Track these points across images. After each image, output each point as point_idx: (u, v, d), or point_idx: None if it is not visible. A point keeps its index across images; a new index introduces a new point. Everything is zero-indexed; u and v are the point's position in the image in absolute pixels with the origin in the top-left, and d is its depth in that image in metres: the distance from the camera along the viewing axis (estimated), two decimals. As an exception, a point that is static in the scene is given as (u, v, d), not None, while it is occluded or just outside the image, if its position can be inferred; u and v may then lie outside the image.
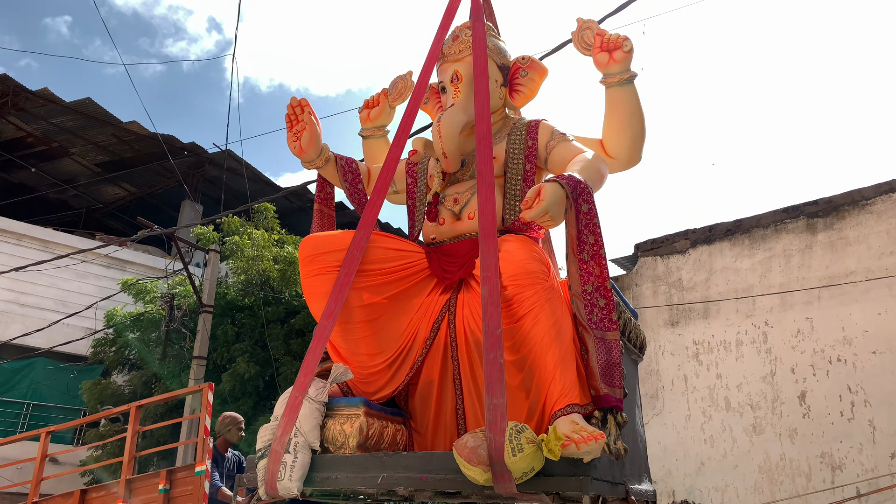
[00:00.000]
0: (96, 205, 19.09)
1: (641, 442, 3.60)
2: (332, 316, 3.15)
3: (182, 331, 11.46)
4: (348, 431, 3.00)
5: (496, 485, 2.45)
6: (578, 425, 2.57)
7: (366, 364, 3.31)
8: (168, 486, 3.85)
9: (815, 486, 8.27)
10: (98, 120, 15.46)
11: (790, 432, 8.64)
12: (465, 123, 3.49)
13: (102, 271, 15.12)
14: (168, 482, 3.85)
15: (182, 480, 3.84)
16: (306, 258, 3.42)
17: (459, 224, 3.51)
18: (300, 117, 3.85)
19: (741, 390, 9.15)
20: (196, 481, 3.63)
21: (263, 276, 11.23)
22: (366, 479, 2.78)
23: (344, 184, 3.99)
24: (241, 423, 5.21)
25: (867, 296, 8.43)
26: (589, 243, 2.87)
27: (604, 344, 2.81)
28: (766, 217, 9.60)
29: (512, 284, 2.86)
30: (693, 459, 9.28)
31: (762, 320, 9.20)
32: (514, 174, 3.51)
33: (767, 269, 9.37)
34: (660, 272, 10.41)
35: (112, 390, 11.11)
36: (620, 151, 3.50)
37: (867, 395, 8.19)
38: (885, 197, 8.73)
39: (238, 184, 15.01)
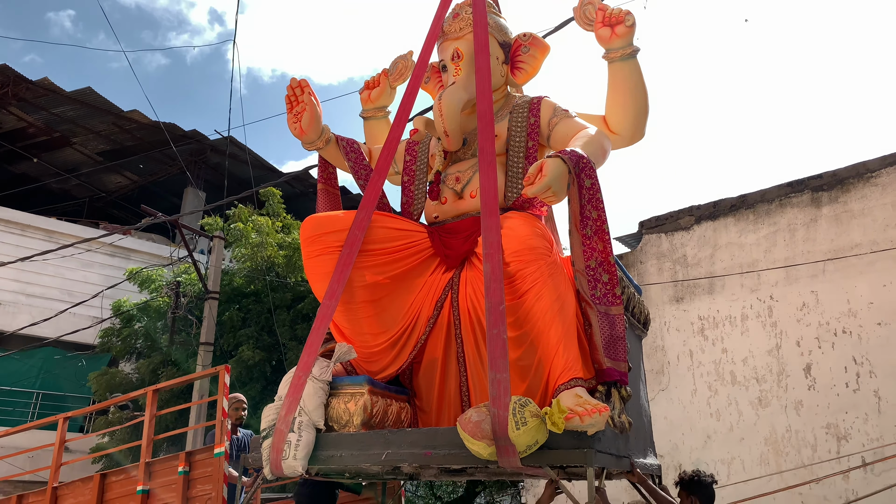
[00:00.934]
0: (99, 194, 19.13)
1: (646, 416, 3.62)
2: (334, 296, 3.16)
3: (188, 318, 11.53)
4: (352, 410, 3.02)
5: (500, 459, 2.47)
6: (582, 398, 2.58)
7: (369, 343, 3.32)
8: (188, 469, 3.89)
9: (821, 456, 8.29)
10: (99, 109, 15.45)
11: (796, 404, 8.66)
12: (466, 101, 3.47)
13: (107, 260, 15.18)
14: (187, 464, 3.89)
15: (201, 462, 3.88)
16: (308, 238, 3.42)
17: (462, 203, 3.51)
18: (300, 98, 3.84)
19: (747, 364, 9.15)
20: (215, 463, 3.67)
21: (268, 262, 11.27)
22: (370, 457, 2.80)
23: (347, 163, 3.97)
24: (241, 403, 5.25)
25: (872, 268, 8.40)
26: (592, 218, 2.86)
27: (607, 319, 2.81)
28: (771, 192, 9.55)
29: (515, 261, 2.86)
30: (699, 433, 9.32)
31: (767, 294, 9.18)
32: (516, 152, 3.49)
33: (772, 244, 9.34)
34: (664, 249, 10.39)
35: (120, 379, 11.20)
36: (623, 127, 3.48)
37: (872, 366, 8.19)
38: (890, 169, 8.66)
39: (241, 170, 15.01)
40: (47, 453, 10.12)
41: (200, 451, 3.98)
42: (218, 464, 3.55)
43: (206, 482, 3.77)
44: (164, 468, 4.05)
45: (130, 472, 4.20)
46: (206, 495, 3.72)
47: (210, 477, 3.72)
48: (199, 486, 3.84)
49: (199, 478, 3.83)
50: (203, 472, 3.82)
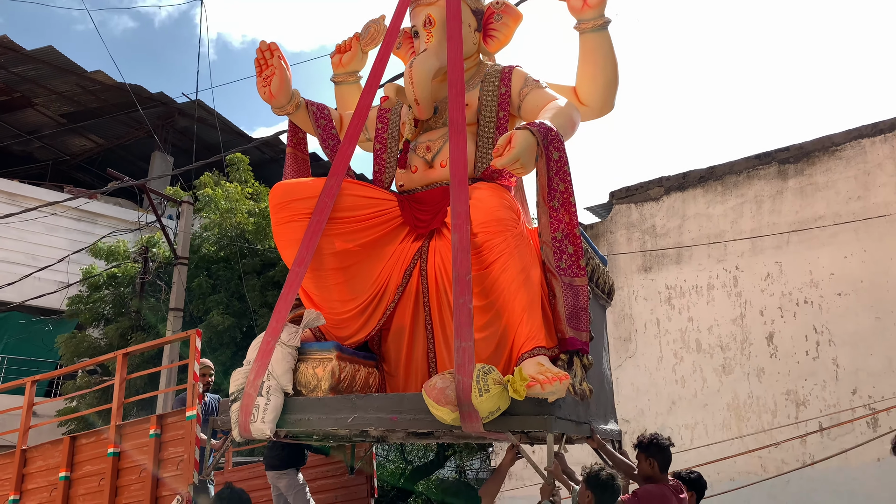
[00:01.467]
0: (63, 157, 18.64)
1: (608, 384, 3.71)
2: (303, 263, 3.17)
3: (158, 283, 11.41)
4: (320, 375, 3.06)
5: (464, 424, 2.53)
6: (544, 367, 2.64)
7: (338, 310, 3.34)
8: (159, 431, 3.89)
9: (780, 421, 8.57)
10: (61, 69, 14.97)
11: (758, 372, 8.91)
12: (437, 69, 3.44)
13: (73, 224, 14.88)
14: (159, 427, 3.90)
15: (173, 425, 3.88)
16: (277, 205, 3.41)
17: (432, 172, 3.50)
18: (269, 62, 3.78)
19: (712, 332, 9.36)
20: (187, 426, 3.68)
21: (238, 228, 11.15)
22: (337, 420, 2.85)
23: (317, 130, 3.94)
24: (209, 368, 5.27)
25: (834, 240, 8.60)
26: (559, 191, 2.89)
27: (571, 289, 2.86)
28: (739, 164, 9.68)
29: (482, 232, 2.89)
30: (665, 399, 9.55)
31: (733, 265, 9.37)
32: (486, 122, 3.49)
33: (739, 215, 9.49)
34: (634, 219, 10.50)
35: (88, 343, 11.09)
36: (593, 98, 3.49)
37: (832, 335, 8.44)
38: (853, 143, 8.82)
39: (209, 135, 14.73)
40: (13, 417, 10.05)
41: (171, 413, 3.99)
42: (189, 426, 3.57)
43: (177, 444, 3.78)
44: (135, 431, 4.05)
45: (101, 435, 4.20)
46: (178, 457, 3.74)
47: (182, 439, 3.74)
48: (170, 448, 3.85)
49: (171, 440, 3.85)
50: (175, 434, 3.84)
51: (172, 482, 3.73)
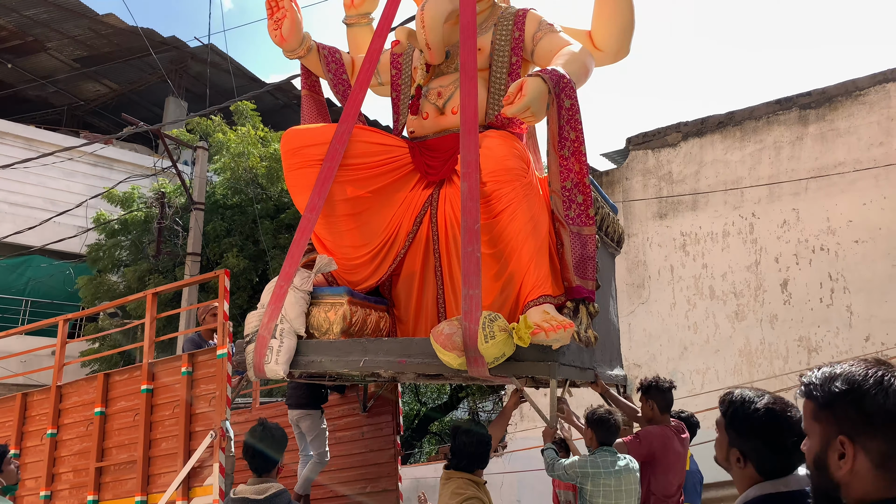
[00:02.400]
0: (78, 102, 18.61)
1: (614, 331, 3.75)
2: (315, 209, 3.19)
3: (174, 228, 11.52)
4: (332, 318, 3.12)
5: (470, 369, 2.59)
6: (549, 315, 2.68)
7: (350, 255, 3.38)
8: (191, 369, 3.99)
9: (791, 367, 8.63)
10: (73, 12, 14.82)
11: (771, 318, 8.93)
12: (450, 12, 3.37)
13: (90, 170, 14.96)
14: (191, 365, 3.99)
15: (204, 363, 3.96)
16: (288, 151, 3.41)
17: (443, 119, 3.47)
18: (280, 4, 3.73)
19: (726, 279, 9.36)
20: (219, 363, 3.75)
21: (250, 172, 11.17)
22: (349, 363, 2.92)
23: (328, 74, 3.91)
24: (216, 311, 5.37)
25: (853, 186, 8.48)
26: (570, 139, 2.86)
27: (579, 238, 2.87)
28: (759, 109, 9.49)
29: (491, 181, 2.88)
30: (677, 345, 9.63)
31: (749, 212, 9.29)
32: (499, 67, 3.43)
33: (757, 161, 9.36)
34: (650, 165, 10.39)
35: (108, 286, 11.30)
36: (609, 43, 3.43)
37: (847, 282, 8.41)
38: (878, 87, 8.59)
39: (222, 80, 14.61)
40: (38, 358, 10.35)
41: (202, 352, 4.07)
42: (221, 364, 3.65)
43: (209, 382, 3.87)
44: (166, 368, 4.16)
45: (133, 373, 4.31)
46: (210, 394, 3.83)
47: (214, 377, 3.82)
48: (202, 385, 3.94)
49: (203, 378, 3.93)
50: (206, 372, 3.92)
51: (205, 418, 3.84)
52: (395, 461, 4.75)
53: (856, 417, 1.07)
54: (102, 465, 4.27)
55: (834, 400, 1.10)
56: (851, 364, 1.13)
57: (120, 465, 4.20)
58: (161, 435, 4.07)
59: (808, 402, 1.17)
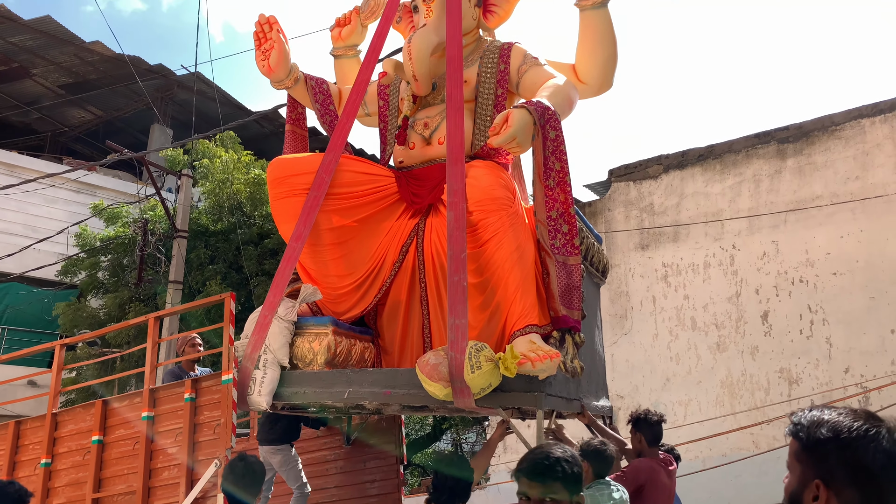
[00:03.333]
0: (62, 128, 18.53)
1: (600, 361, 3.76)
2: (300, 238, 3.20)
3: (156, 255, 11.42)
4: (316, 349, 3.10)
5: (456, 399, 2.58)
6: (535, 344, 2.68)
7: (335, 285, 3.37)
8: (194, 395, 3.89)
9: (773, 399, 8.68)
10: (59, 39, 14.82)
11: (752, 350, 8.99)
12: (436, 45, 3.43)
13: (72, 196, 14.86)
14: (194, 391, 3.89)
15: (208, 389, 3.87)
16: (275, 180, 3.42)
17: (429, 149, 3.51)
18: (268, 35, 3.77)
19: (707, 310, 9.44)
20: (223, 389, 3.66)
21: (234, 198, 11.15)
22: (333, 394, 2.90)
23: (315, 105, 3.94)
24: (195, 341, 5.30)
25: (831, 219, 8.63)
26: (555, 170, 2.90)
27: (565, 268, 2.89)
28: (738, 142, 9.68)
29: (477, 210, 2.91)
30: (659, 376, 9.65)
31: (730, 243, 9.41)
32: (485, 99, 3.49)
33: (737, 194, 9.52)
34: (632, 197, 10.52)
35: (87, 312, 11.14)
36: (592, 76, 3.50)
37: (826, 314, 8.51)
38: (853, 123, 8.81)
39: (208, 108, 14.62)
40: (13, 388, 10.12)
41: (207, 377, 3.98)
42: (226, 390, 3.55)
43: (214, 408, 3.77)
44: (169, 395, 4.05)
45: (133, 399, 4.21)
46: (215, 421, 3.73)
47: (219, 403, 3.73)
48: (206, 412, 3.84)
49: (207, 404, 3.83)
50: (210, 398, 3.82)
51: (209, 446, 3.73)
52: (398, 491, 4.67)
53: (834, 465, 1.11)
54: (100, 497, 4.12)
55: (817, 445, 1.14)
56: (841, 413, 1.17)
57: (118, 495, 4.06)
58: (162, 464, 3.94)
59: (793, 440, 1.20)
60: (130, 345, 10.37)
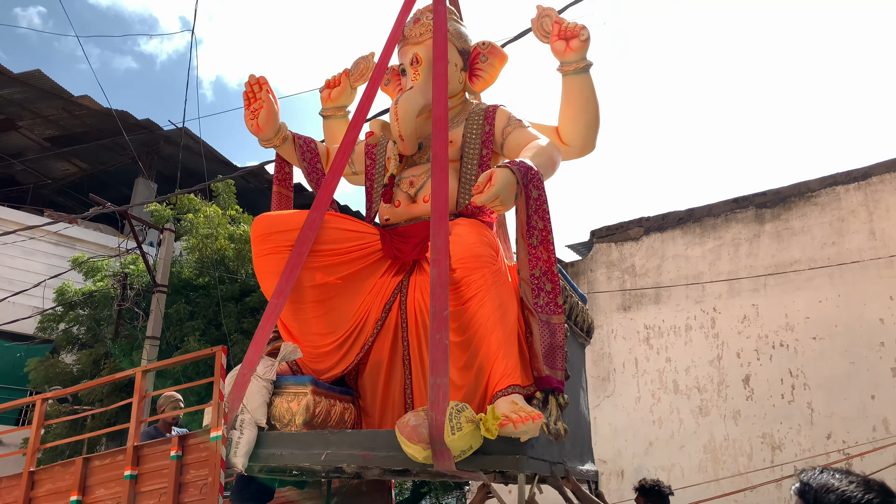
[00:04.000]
0: (45, 181, 18.49)
1: (585, 423, 3.70)
2: (282, 295, 3.17)
3: (135, 310, 11.26)
4: (294, 409, 3.03)
5: (436, 462, 2.51)
6: (517, 405, 2.64)
7: (317, 343, 3.33)
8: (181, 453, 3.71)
9: (756, 465, 8.58)
10: (48, 93, 14.94)
11: (734, 414, 8.93)
12: (422, 106, 3.50)
13: (51, 249, 14.69)
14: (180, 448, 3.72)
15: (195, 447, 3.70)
16: (259, 237, 3.42)
17: (414, 207, 3.54)
18: (258, 95, 3.84)
19: (689, 373, 9.41)
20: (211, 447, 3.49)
21: (218, 254, 11.09)
22: (310, 456, 2.81)
23: (302, 163, 3.99)
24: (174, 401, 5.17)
25: (810, 284, 8.73)
26: (538, 228, 2.92)
27: (548, 327, 2.87)
28: (718, 207, 9.85)
29: (460, 267, 2.91)
30: (642, 440, 9.53)
31: (711, 306, 9.46)
32: (470, 159, 3.55)
33: (717, 257, 9.63)
34: (614, 258, 10.60)
35: (60, 369, 10.87)
36: (575, 138, 3.58)
37: (807, 378, 8.51)
38: (828, 189, 9.02)
39: (195, 163, 14.71)
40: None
41: (194, 434, 3.81)
42: (215, 448, 3.39)
43: (201, 467, 3.59)
44: (153, 452, 3.86)
45: (116, 457, 4.01)
46: (202, 480, 3.55)
47: (206, 462, 3.56)
48: (193, 471, 3.65)
49: (194, 462, 3.65)
50: (198, 456, 3.65)
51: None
52: None
53: None
54: None
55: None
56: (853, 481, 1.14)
57: None
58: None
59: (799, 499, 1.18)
60: (104, 402, 10.10)
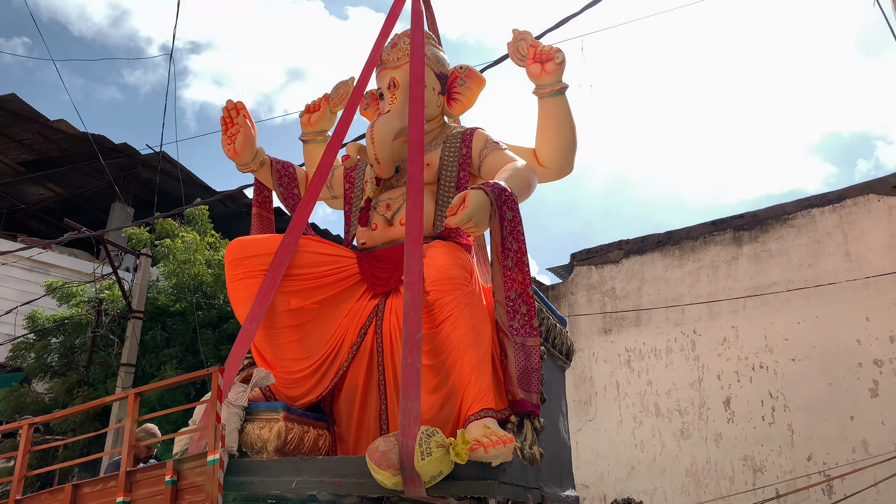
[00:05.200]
0: (19, 205, 18.24)
1: (564, 448, 3.65)
2: (255, 320, 3.11)
3: (110, 337, 11.07)
4: (266, 436, 2.97)
5: (406, 488, 2.46)
6: (490, 429, 2.59)
7: (291, 369, 3.27)
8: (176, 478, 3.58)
9: (738, 487, 8.57)
10: (23, 117, 14.81)
11: (715, 436, 8.94)
12: (399, 130, 3.50)
13: (24, 275, 14.43)
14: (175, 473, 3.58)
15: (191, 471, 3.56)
16: (232, 262, 3.37)
17: (391, 230, 3.52)
18: (235, 120, 3.83)
19: (670, 396, 9.41)
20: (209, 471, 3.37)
21: (196, 280, 10.97)
22: (280, 483, 2.75)
23: (278, 188, 3.97)
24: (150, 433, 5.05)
25: (788, 305, 8.81)
26: (513, 250, 2.91)
27: (523, 350, 2.84)
28: (696, 229, 9.95)
29: (434, 290, 2.88)
30: (624, 464, 9.49)
31: (691, 328, 9.50)
32: (447, 181, 3.54)
33: (696, 280, 9.69)
34: (594, 281, 10.64)
35: (32, 398, 10.62)
36: (552, 161, 3.59)
37: (787, 400, 8.55)
38: (804, 212, 9.15)
39: (172, 187, 14.59)
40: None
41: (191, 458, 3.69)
42: (212, 471, 3.27)
43: (197, 492, 3.46)
44: (147, 478, 3.73)
45: (108, 483, 3.87)
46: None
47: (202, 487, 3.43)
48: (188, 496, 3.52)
49: (189, 488, 3.52)
50: (193, 481, 3.52)
51: None
52: None
53: None
54: None
55: None
56: None
57: None
58: None
59: None
60: (76, 432, 9.87)
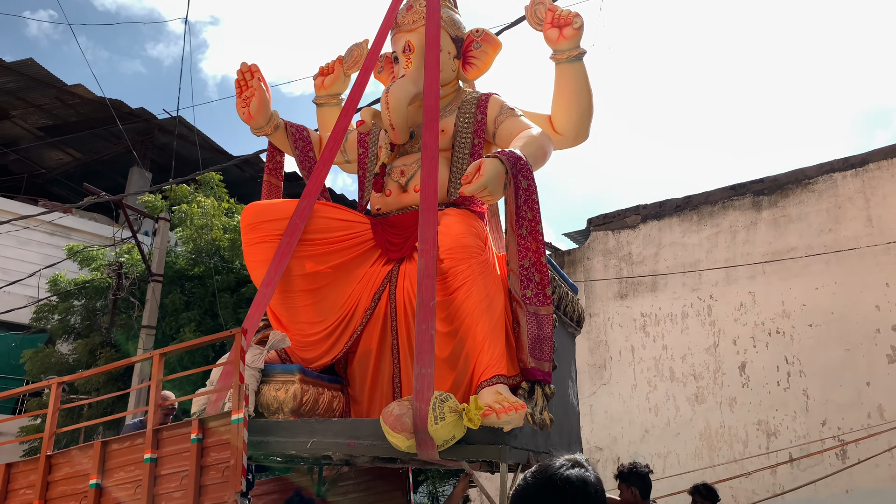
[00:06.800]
0: (39, 170, 18.40)
1: (574, 413, 3.69)
2: (271, 284, 3.15)
3: (130, 300, 11.24)
4: (282, 398, 3.03)
5: (419, 451, 2.51)
6: (502, 395, 2.63)
7: (306, 332, 3.32)
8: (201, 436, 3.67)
9: (751, 451, 8.61)
10: (41, 82, 14.84)
11: (730, 401, 8.95)
12: (414, 95, 3.46)
13: (46, 238, 14.64)
14: (201, 432, 3.68)
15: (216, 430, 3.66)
16: (248, 226, 3.40)
17: (405, 196, 3.51)
18: (250, 83, 3.81)
19: (685, 361, 9.42)
20: (234, 429, 3.46)
21: (213, 245, 11.07)
22: (296, 444, 2.82)
23: (294, 151, 3.97)
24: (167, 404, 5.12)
25: (806, 271, 8.72)
26: (527, 219, 2.90)
27: (536, 318, 2.85)
28: (715, 194, 9.82)
29: (448, 258, 2.89)
30: (638, 427, 9.56)
31: (707, 294, 9.46)
32: (461, 148, 3.51)
33: (714, 245, 9.61)
34: (611, 246, 10.59)
35: (56, 359, 10.86)
36: (568, 127, 3.55)
37: (802, 365, 8.53)
38: (825, 177, 9.00)
39: (189, 151, 14.63)
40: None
41: (216, 417, 3.78)
42: (237, 430, 3.35)
43: (222, 450, 3.55)
44: (173, 436, 3.82)
45: (135, 440, 3.98)
46: (224, 463, 3.52)
47: (227, 445, 3.52)
48: (213, 454, 3.60)
49: (215, 445, 3.61)
50: (219, 439, 3.61)
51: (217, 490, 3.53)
52: None
53: None
54: None
55: None
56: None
57: None
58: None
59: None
60: (100, 391, 10.11)
